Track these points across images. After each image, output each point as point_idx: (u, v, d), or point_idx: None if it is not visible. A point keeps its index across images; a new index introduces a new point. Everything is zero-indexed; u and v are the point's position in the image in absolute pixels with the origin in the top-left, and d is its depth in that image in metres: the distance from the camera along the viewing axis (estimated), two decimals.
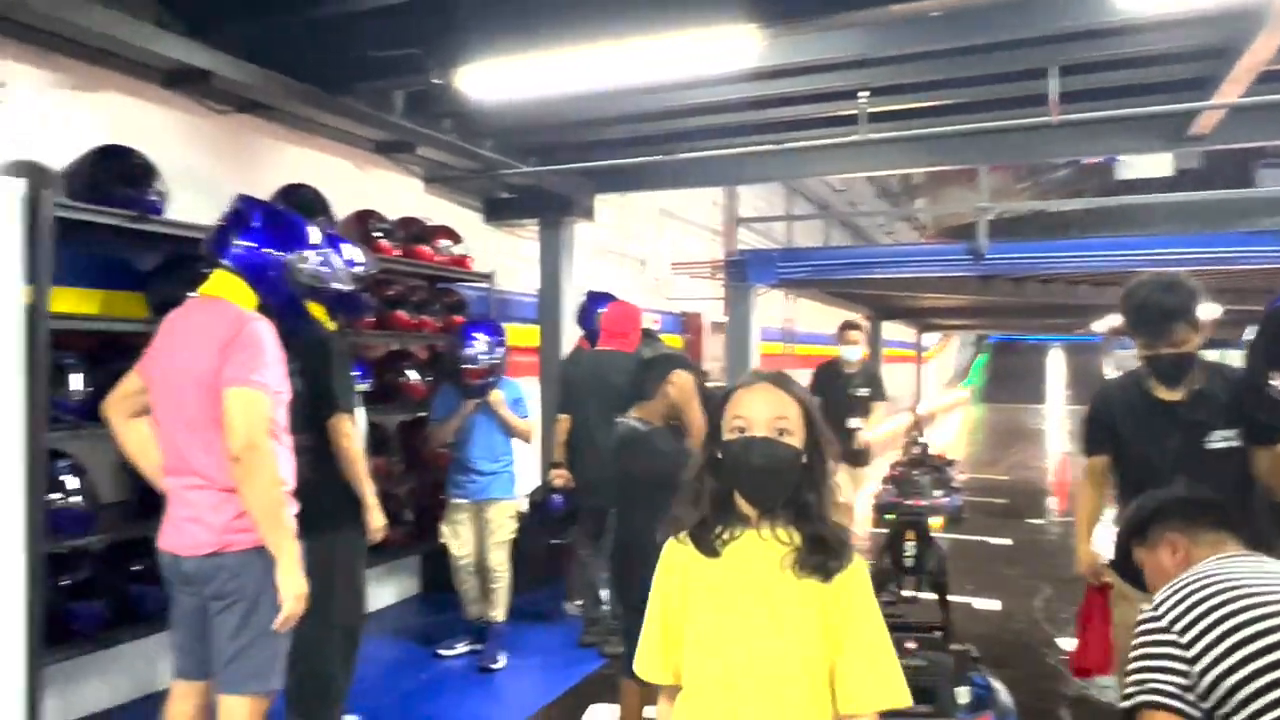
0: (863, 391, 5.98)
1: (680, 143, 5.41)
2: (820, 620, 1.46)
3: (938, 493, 8.12)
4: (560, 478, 4.47)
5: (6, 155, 3.29)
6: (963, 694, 3.12)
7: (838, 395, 5.75)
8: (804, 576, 1.47)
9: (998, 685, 3.36)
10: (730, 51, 3.59)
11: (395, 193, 5.44)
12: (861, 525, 7.01)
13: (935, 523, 6.09)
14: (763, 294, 8.67)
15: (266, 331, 2.34)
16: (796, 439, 1.50)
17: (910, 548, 3.53)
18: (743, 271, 8.26)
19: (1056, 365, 31.22)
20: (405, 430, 5.10)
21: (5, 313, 2.91)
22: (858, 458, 6.05)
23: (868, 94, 4.33)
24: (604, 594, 4.62)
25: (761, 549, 1.50)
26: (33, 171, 3.20)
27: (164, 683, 3.79)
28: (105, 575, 3.46)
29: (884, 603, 3.41)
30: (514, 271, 6.43)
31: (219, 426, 2.24)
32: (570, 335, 6.13)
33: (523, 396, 4.61)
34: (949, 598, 3.69)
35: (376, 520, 3.15)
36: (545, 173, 5.76)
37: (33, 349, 3.01)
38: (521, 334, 6.35)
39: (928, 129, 4.85)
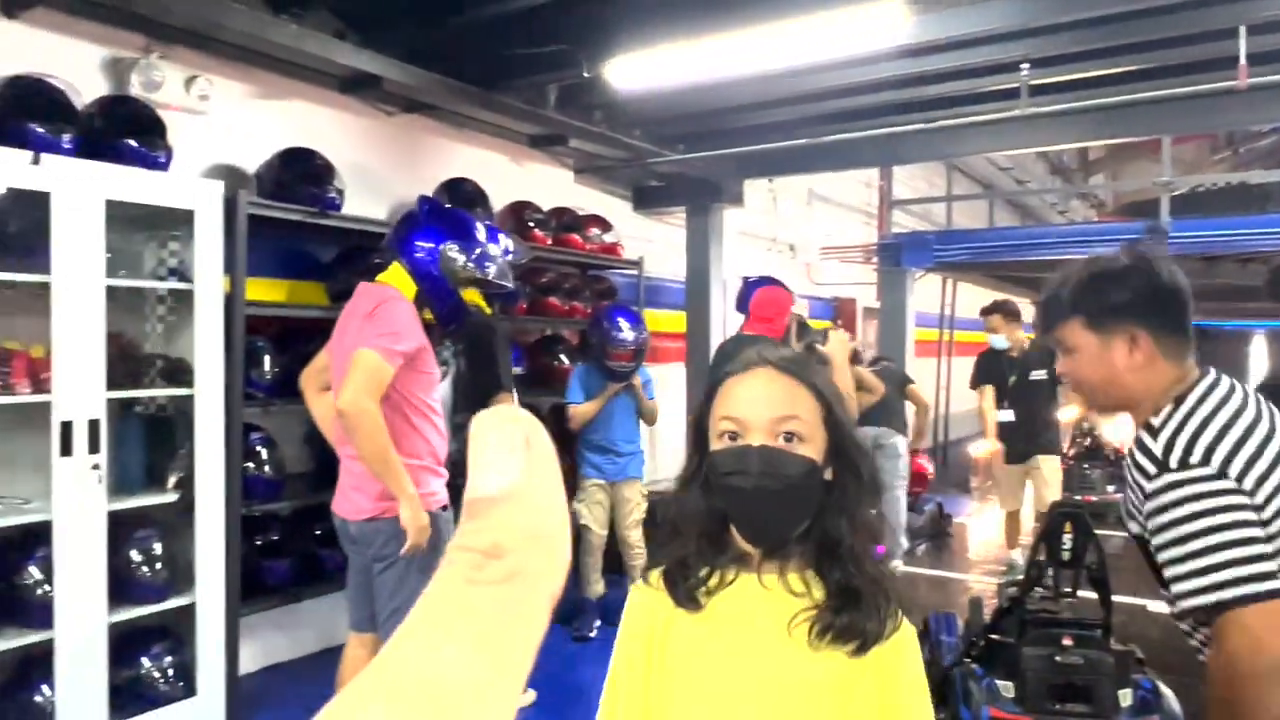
0: (1038, 375, 5.53)
1: (830, 124, 5.33)
2: (845, 709, 1.06)
3: (1110, 488, 7.62)
4: None
5: (209, 160, 3.67)
6: (1126, 696, 2.96)
7: (1002, 382, 5.52)
8: (826, 646, 1.05)
9: (1166, 690, 3.16)
10: (880, 29, 3.52)
11: (548, 184, 5.65)
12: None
13: None
14: (919, 278, 8.39)
15: (404, 309, 2.55)
16: (812, 447, 1.09)
17: (1068, 540, 3.36)
18: (897, 255, 8.03)
19: (1259, 355, 28.33)
20: (557, 413, 5.30)
21: (209, 301, 3.26)
22: (1050, 446, 5.63)
23: (1029, 66, 4.12)
24: None
25: (764, 602, 1.10)
26: (230, 174, 3.56)
27: (342, 637, 4.16)
28: (292, 538, 3.83)
29: (1039, 598, 3.28)
30: (662, 258, 6.53)
31: None
32: (718, 320, 6.17)
33: (651, 379, 4.71)
34: (1113, 597, 3.49)
35: None
36: (693, 159, 5.81)
37: (230, 333, 3.37)
38: (669, 320, 6.46)
39: (1096, 100, 4.55)
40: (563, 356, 5.22)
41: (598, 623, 4.57)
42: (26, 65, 3.08)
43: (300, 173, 3.82)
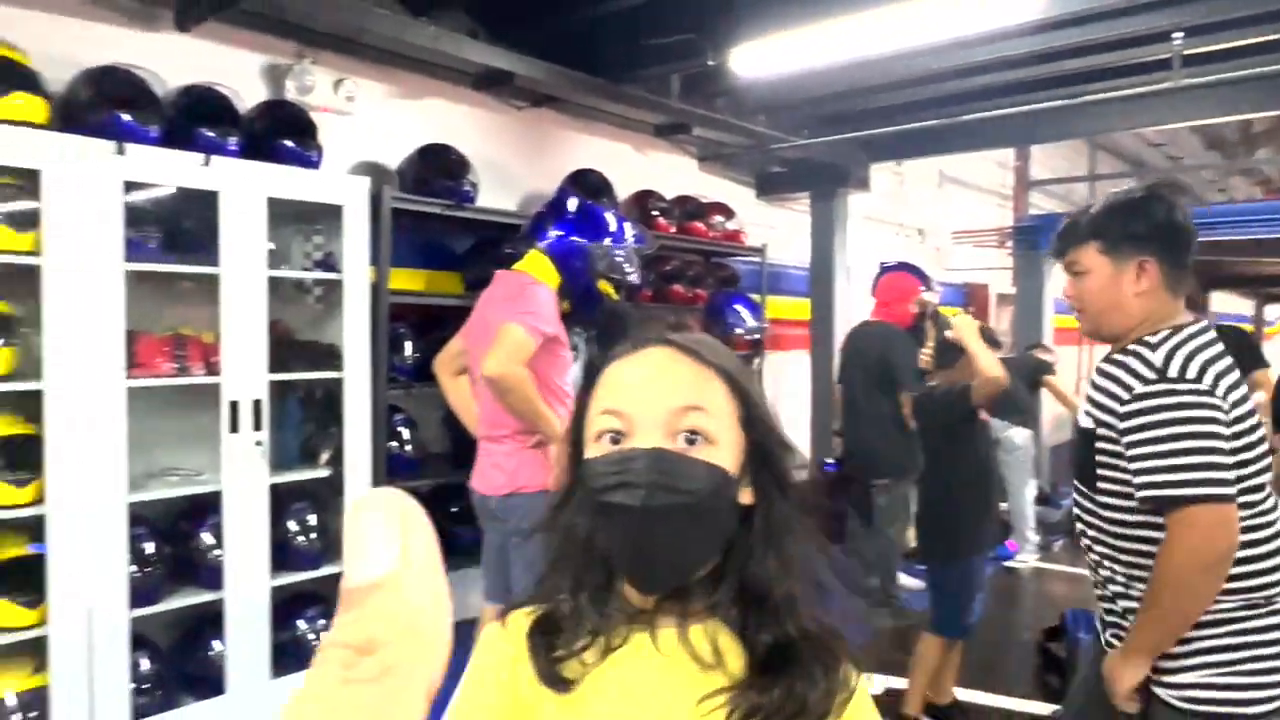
0: None
1: (963, 104, 5.16)
2: None
3: None
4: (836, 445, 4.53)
5: (355, 158, 3.91)
6: None
7: None
8: None
9: None
10: (1015, 3, 3.39)
11: (672, 172, 5.70)
12: None
13: None
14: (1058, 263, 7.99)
15: (546, 294, 2.67)
16: (724, 454, 0.81)
17: None
18: (1034, 238, 7.69)
19: None
20: None
21: (357, 290, 3.49)
22: None
23: (1182, 35, 3.87)
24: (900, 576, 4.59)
25: (661, 675, 0.81)
26: (375, 171, 3.78)
27: (473, 610, 4.37)
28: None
29: None
30: (785, 244, 6.49)
31: None
32: (843, 307, 6.10)
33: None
34: None
35: None
36: (818, 144, 5.74)
37: (376, 320, 3.59)
38: (792, 307, 6.41)
39: (1259, 68, 4.23)
40: None
41: None
42: (197, 75, 3.36)
43: (438, 168, 4.01)
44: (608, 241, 2.94)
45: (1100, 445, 1.65)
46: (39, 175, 2.69)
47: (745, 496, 0.83)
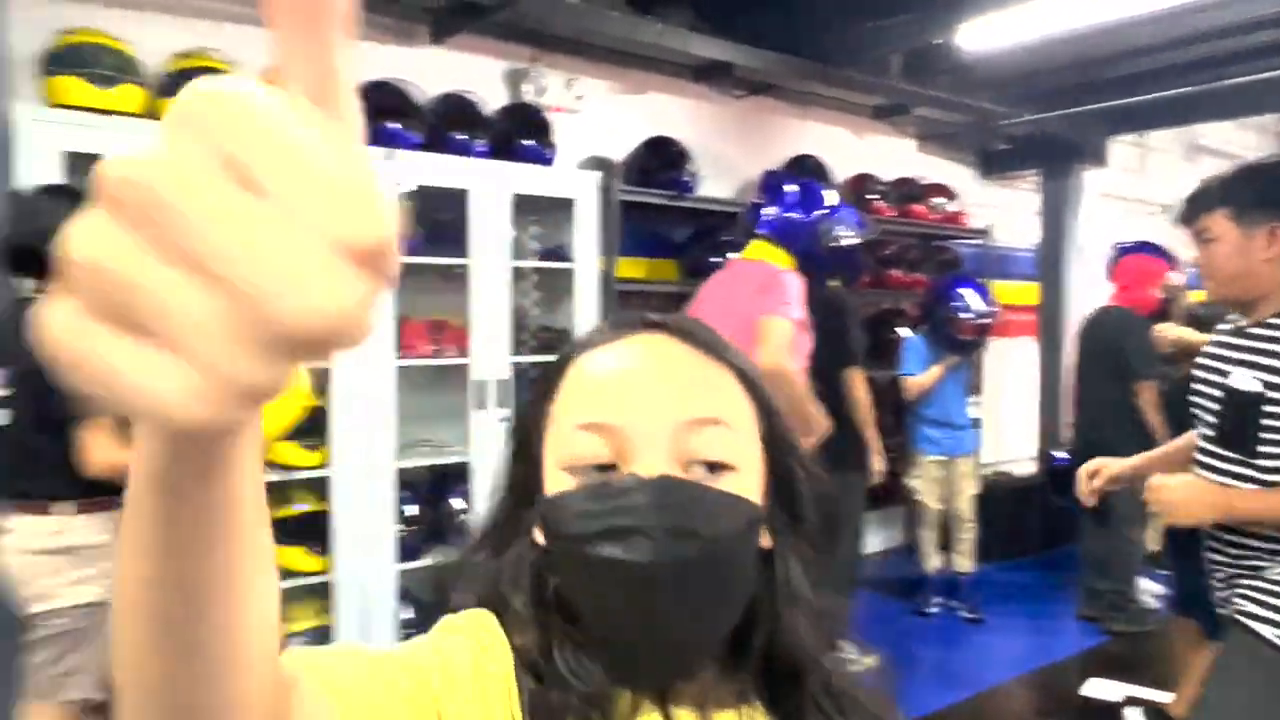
0: None
1: (1216, 68, 4.69)
2: None
3: None
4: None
5: (584, 153, 4.14)
6: None
7: None
8: None
9: None
10: None
11: (889, 155, 5.58)
12: None
13: None
14: None
15: (795, 282, 2.71)
16: (748, 480, 0.61)
17: None
18: None
19: None
20: (895, 387, 5.27)
21: (586, 278, 3.71)
22: None
23: None
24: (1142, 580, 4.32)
25: None
26: (603, 165, 3.99)
27: None
28: None
29: None
30: (1010, 225, 6.17)
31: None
32: (1075, 291, 5.73)
33: None
34: None
35: (879, 464, 3.44)
36: (1051, 119, 5.41)
37: (606, 307, 3.81)
38: (1018, 291, 6.09)
39: None
40: (903, 329, 5.17)
41: (937, 599, 4.52)
42: (448, 83, 3.69)
43: (661, 159, 4.17)
44: (833, 226, 2.95)
45: (1270, 409, 1.63)
46: None
47: (763, 539, 0.62)
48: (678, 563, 0.55)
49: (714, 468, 0.59)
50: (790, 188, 2.98)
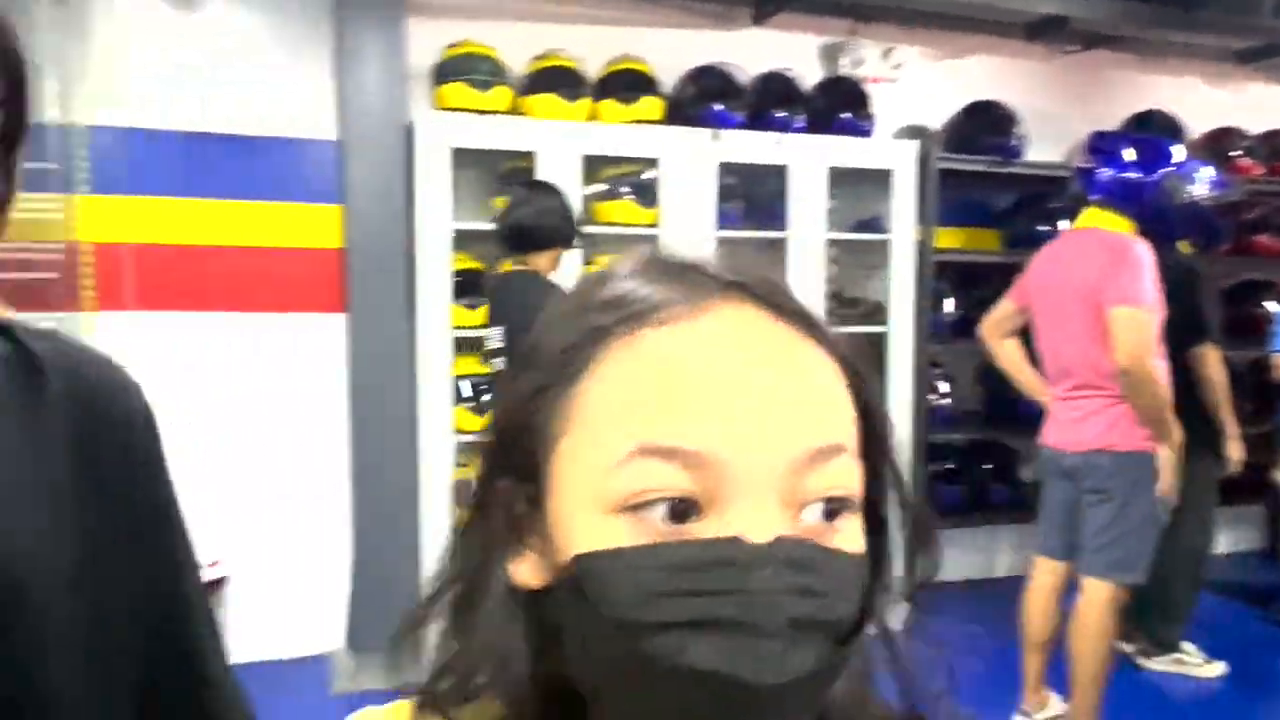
0: None
1: None
2: None
3: None
4: None
5: (902, 121, 4.09)
6: None
7: None
8: None
9: None
10: None
11: (1257, 104, 4.88)
12: None
13: None
14: None
15: (1146, 253, 2.49)
16: (857, 510, 0.42)
17: None
18: None
19: None
20: (1259, 368, 4.64)
21: (903, 248, 3.69)
22: None
23: None
24: None
25: None
26: (921, 133, 3.92)
27: (998, 571, 4.37)
28: (963, 468, 4.13)
29: None
30: None
31: (1098, 339, 2.48)
32: None
33: None
34: None
35: (1236, 451, 3.09)
36: None
37: (921, 277, 3.76)
38: None
39: None
40: (1271, 304, 4.54)
41: None
42: (766, 62, 3.82)
43: (984, 125, 4.02)
44: (1188, 181, 2.67)
45: None
46: (657, 162, 3.35)
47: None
48: (798, 680, 0.37)
49: (833, 512, 0.40)
50: (1126, 146, 2.73)
